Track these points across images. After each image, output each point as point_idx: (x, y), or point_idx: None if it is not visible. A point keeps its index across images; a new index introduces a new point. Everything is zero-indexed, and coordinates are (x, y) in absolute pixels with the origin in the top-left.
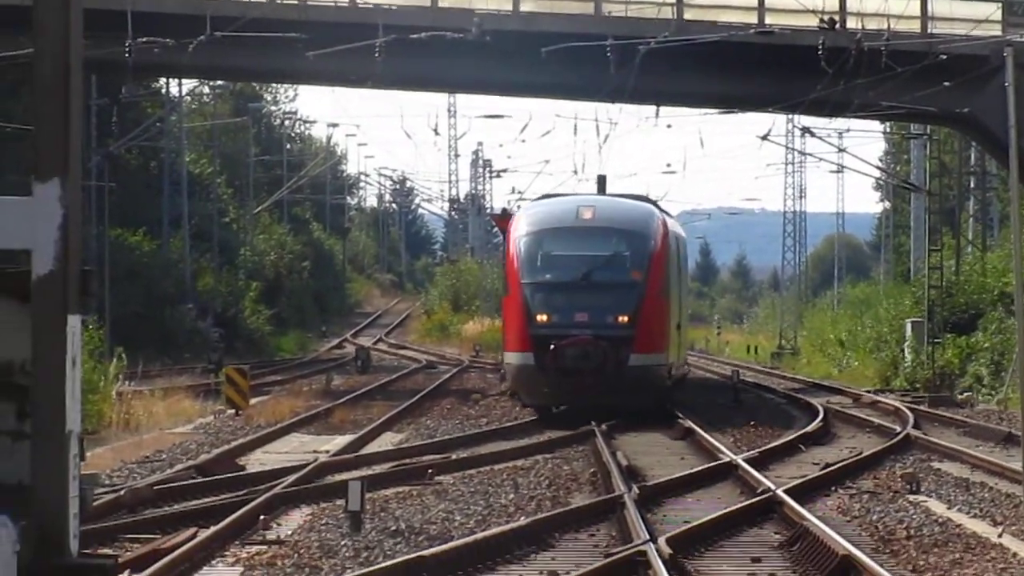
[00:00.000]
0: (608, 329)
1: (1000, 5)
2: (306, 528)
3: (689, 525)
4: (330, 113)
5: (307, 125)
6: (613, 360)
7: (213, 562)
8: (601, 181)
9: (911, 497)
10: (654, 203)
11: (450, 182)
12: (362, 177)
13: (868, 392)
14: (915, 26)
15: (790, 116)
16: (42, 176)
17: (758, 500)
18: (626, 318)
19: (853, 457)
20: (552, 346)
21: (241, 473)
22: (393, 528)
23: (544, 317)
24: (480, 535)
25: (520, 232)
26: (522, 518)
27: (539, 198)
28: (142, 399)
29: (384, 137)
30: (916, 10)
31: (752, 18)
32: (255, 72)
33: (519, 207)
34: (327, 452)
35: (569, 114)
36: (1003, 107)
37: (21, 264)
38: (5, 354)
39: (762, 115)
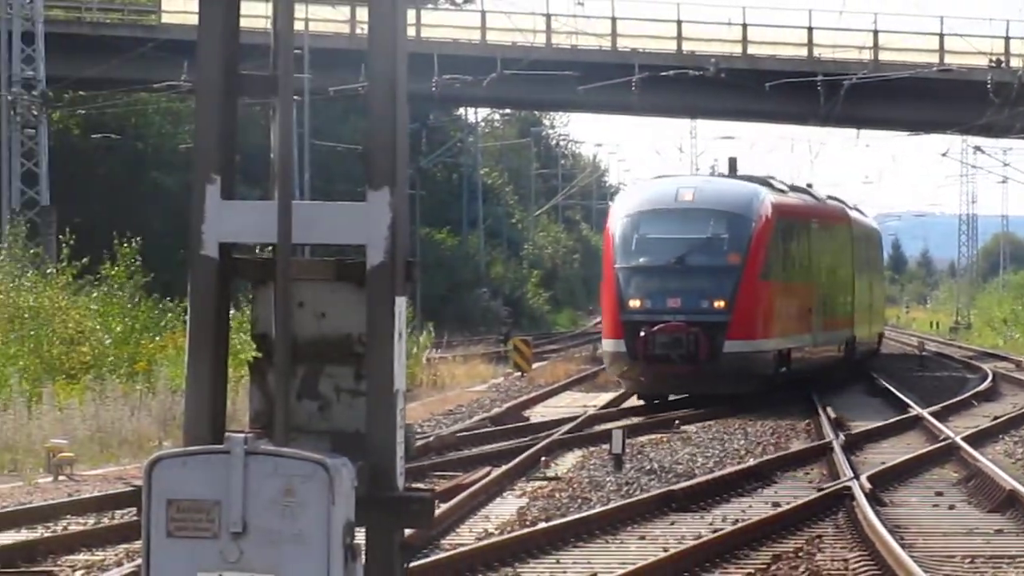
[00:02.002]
0: (702, 314)
1: None
2: (578, 467)
3: (885, 465)
4: (596, 135)
5: (577, 145)
6: (707, 347)
7: (504, 494)
8: (732, 163)
9: None
10: (770, 184)
11: None
12: (621, 186)
13: None
14: None
15: (964, 136)
16: (374, 185)
17: (940, 445)
18: (722, 303)
19: (1017, 411)
20: (642, 332)
21: (526, 423)
22: (648, 467)
23: (636, 303)
24: (718, 473)
25: (617, 215)
26: (751, 459)
27: (655, 178)
28: (446, 364)
29: (638, 154)
30: None
31: (935, 58)
32: (536, 102)
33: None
34: (595, 406)
35: (787, 136)
36: None
37: (357, 256)
38: (346, 328)
39: (942, 135)
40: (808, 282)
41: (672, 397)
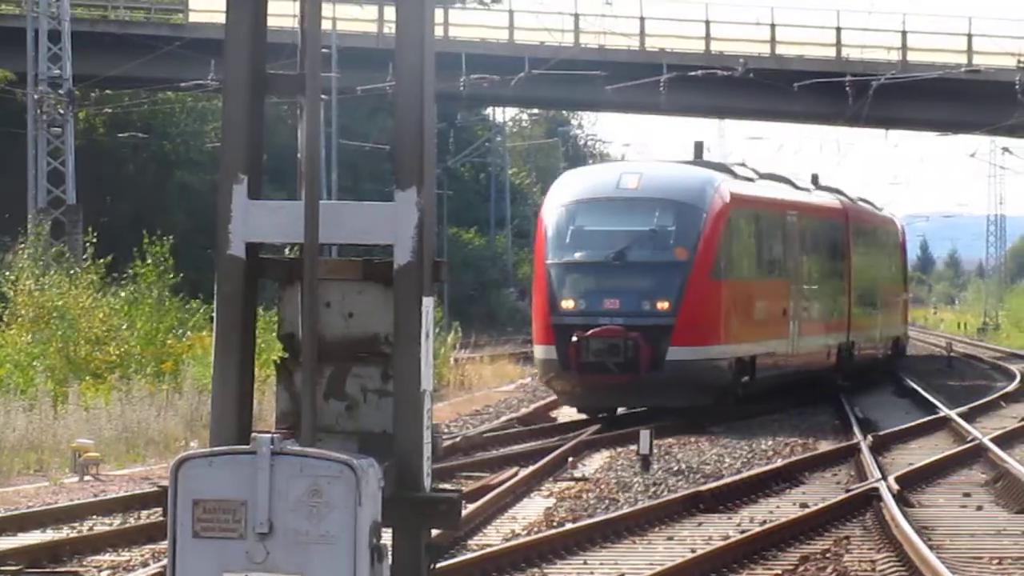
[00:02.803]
0: (643, 317)
1: None
2: (605, 468)
3: (913, 466)
4: (624, 135)
5: (605, 144)
6: (648, 354)
7: (531, 495)
8: (697, 148)
9: None
10: (731, 171)
11: None
12: None
13: None
14: None
15: (993, 137)
16: (402, 185)
17: (967, 447)
18: (666, 304)
19: None
20: (574, 337)
21: (553, 423)
22: (676, 468)
23: (569, 304)
24: (745, 474)
25: (552, 204)
26: (779, 460)
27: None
28: (473, 364)
29: (666, 155)
30: None
31: (963, 59)
32: (564, 102)
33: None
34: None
35: (815, 137)
36: None
37: (384, 256)
38: (373, 328)
39: (970, 136)
40: (781, 280)
41: (621, 411)
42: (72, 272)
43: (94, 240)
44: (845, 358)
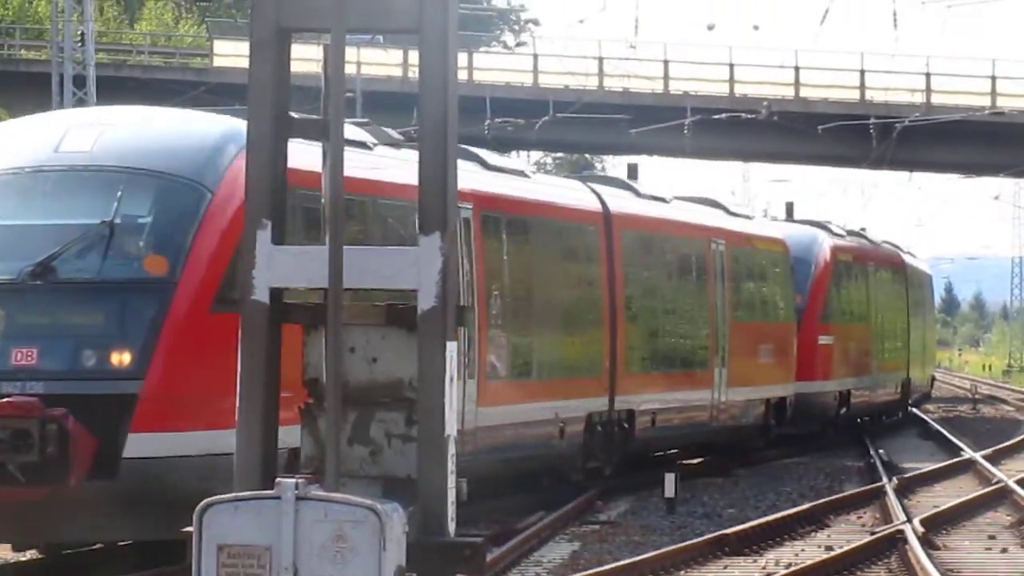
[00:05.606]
0: (80, 381)
1: None
2: (631, 512)
3: (938, 509)
4: (648, 178)
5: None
6: (87, 448)
7: (557, 538)
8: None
9: None
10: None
11: None
12: None
13: None
14: None
15: (1017, 179)
16: (426, 230)
17: (993, 489)
18: (126, 356)
19: None
20: None
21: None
22: (701, 511)
23: None
24: (771, 516)
25: None
26: (804, 503)
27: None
28: None
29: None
30: None
31: (987, 101)
32: (587, 145)
33: None
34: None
35: (839, 179)
36: None
37: (408, 301)
38: (397, 373)
39: (995, 178)
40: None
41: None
42: None
43: None
44: (609, 433)
